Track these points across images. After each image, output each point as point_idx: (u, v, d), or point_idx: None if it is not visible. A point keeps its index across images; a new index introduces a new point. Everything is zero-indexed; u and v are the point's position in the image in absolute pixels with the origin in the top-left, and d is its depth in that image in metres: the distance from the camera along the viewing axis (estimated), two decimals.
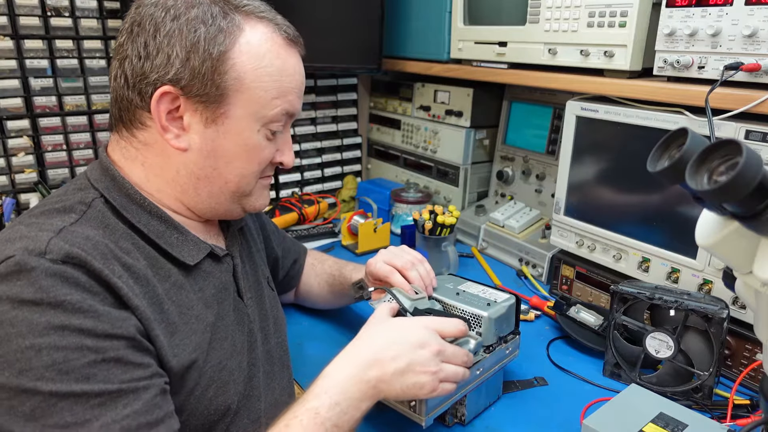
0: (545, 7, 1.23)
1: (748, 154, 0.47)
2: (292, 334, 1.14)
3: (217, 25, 0.68)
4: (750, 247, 0.56)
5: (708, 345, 0.93)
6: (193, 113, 0.70)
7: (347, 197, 1.87)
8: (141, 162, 0.73)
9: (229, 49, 0.69)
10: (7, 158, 1.36)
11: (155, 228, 0.72)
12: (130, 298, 0.63)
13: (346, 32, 1.58)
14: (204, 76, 0.68)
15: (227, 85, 0.69)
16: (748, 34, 0.90)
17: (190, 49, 0.68)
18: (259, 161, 0.76)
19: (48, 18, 1.34)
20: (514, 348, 0.95)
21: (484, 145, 1.66)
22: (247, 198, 0.79)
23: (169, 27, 0.68)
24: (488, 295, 0.95)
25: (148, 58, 0.68)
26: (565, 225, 1.27)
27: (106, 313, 0.60)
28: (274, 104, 0.73)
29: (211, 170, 0.74)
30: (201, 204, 0.76)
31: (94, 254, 0.62)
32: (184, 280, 0.73)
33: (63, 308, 0.57)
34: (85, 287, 0.60)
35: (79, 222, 0.66)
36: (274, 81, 0.72)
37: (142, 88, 0.69)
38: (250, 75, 0.70)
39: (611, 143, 1.16)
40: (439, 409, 0.82)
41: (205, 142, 0.72)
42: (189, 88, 0.68)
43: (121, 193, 0.71)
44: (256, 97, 0.72)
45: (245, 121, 0.72)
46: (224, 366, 0.75)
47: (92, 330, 0.59)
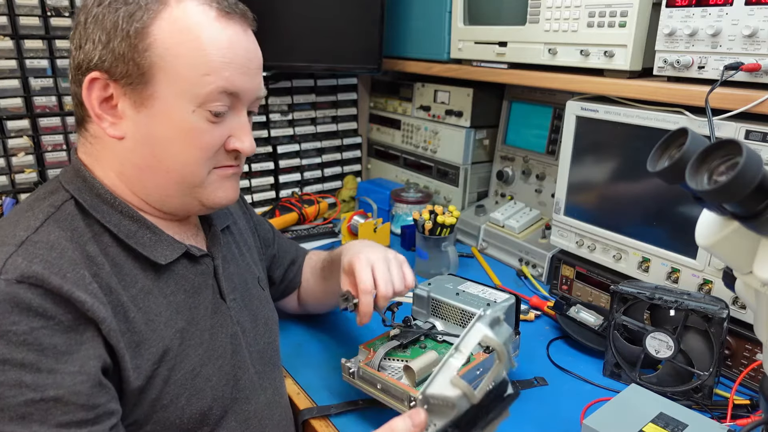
0: (545, 7, 1.23)
1: (748, 154, 0.47)
2: (292, 334, 1.14)
3: (137, 2, 0.66)
4: (750, 247, 0.56)
5: (708, 345, 0.93)
6: (124, 98, 0.68)
7: (347, 197, 1.86)
8: (96, 157, 0.72)
9: (148, 24, 0.66)
10: (7, 158, 1.36)
11: (126, 228, 0.70)
12: (95, 310, 0.61)
13: (346, 32, 1.58)
14: (124, 55, 0.65)
15: (149, 63, 0.66)
16: (748, 34, 0.90)
17: (110, 30, 0.66)
18: (201, 146, 0.70)
19: (48, 18, 1.34)
20: (514, 348, 0.95)
21: (484, 145, 1.66)
22: (200, 190, 0.73)
23: (95, 12, 0.67)
24: (488, 295, 0.95)
25: (80, 48, 0.67)
26: (565, 225, 1.27)
27: (53, 347, 0.57)
28: (206, 81, 0.67)
29: (150, 158, 0.70)
30: (152, 197, 0.73)
31: (58, 267, 0.60)
32: (152, 284, 0.70)
33: (7, 339, 0.55)
34: (37, 312, 0.57)
35: (45, 227, 0.64)
36: (202, 56, 0.67)
37: (80, 79, 0.68)
38: (173, 51, 0.66)
39: (611, 143, 1.16)
40: None
41: (139, 128, 0.69)
42: (113, 71, 0.66)
43: (91, 193, 0.70)
44: (182, 75, 0.67)
45: (175, 102, 0.68)
46: (198, 373, 0.72)
47: (34, 365, 0.56)
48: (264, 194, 1.75)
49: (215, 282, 0.79)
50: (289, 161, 1.78)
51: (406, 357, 0.88)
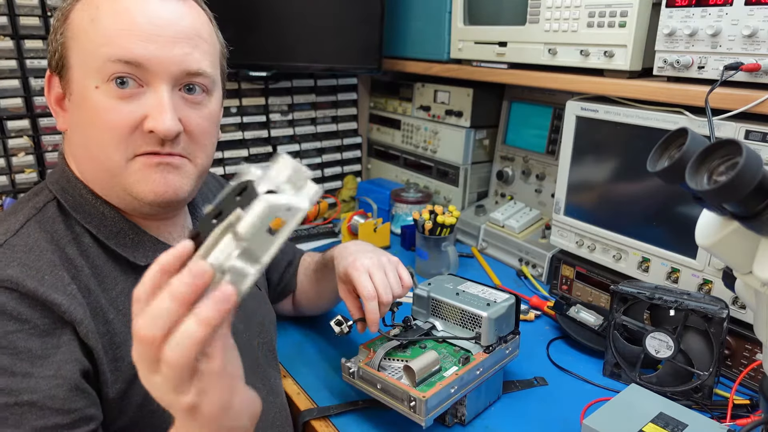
0: (545, 7, 1.23)
1: (748, 154, 0.47)
2: (292, 334, 1.14)
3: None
4: (750, 247, 0.56)
5: (708, 345, 0.93)
6: (63, 90, 0.69)
7: (347, 197, 1.87)
8: (71, 155, 0.73)
9: (70, 10, 0.67)
10: (7, 158, 1.36)
11: (107, 229, 0.69)
12: (72, 312, 0.60)
13: (346, 32, 1.58)
14: (55, 47, 0.68)
15: (65, 47, 0.67)
16: (748, 34, 0.90)
17: (54, 26, 0.68)
18: (111, 126, 0.64)
19: (48, 18, 1.34)
20: (513, 348, 0.95)
21: (484, 145, 1.66)
22: (122, 180, 0.67)
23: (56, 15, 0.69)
24: (488, 295, 0.95)
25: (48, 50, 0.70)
26: (565, 225, 1.27)
27: (27, 351, 0.57)
28: (101, 52, 0.63)
29: (83, 147, 0.69)
30: (100, 191, 0.70)
31: (35, 269, 0.59)
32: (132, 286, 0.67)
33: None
34: (12, 315, 0.57)
35: (25, 229, 0.64)
36: (98, 28, 0.64)
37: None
38: (80, 27, 0.65)
39: (611, 143, 1.16)
40: (439, 409, 0.81)
41: (72, 117, 0.69)
42: (53, 66, 0.68)
43: (74, 193, 0.69)
44: (84, 49, 0.65)
45: (82, 81, 0.65)
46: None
47: (8, 369, 0.55)
48: None
49: None
50: None
51: (406, 357, 0.88)
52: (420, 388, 0.81)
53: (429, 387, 0.81)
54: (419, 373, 0.82)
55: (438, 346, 0.92)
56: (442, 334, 0.94)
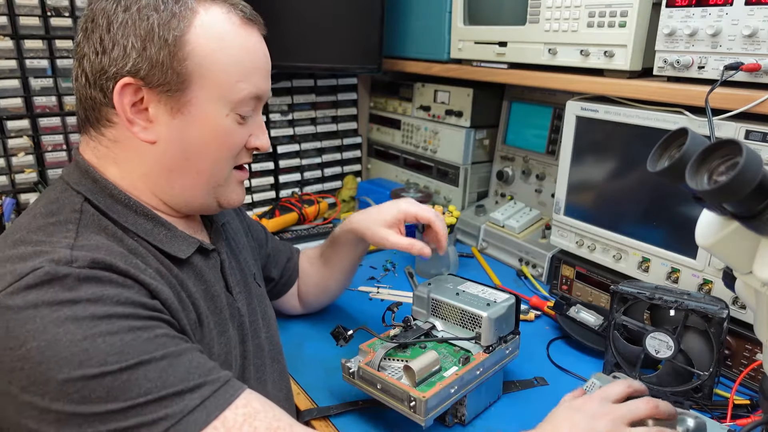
0: (545, 7, 1.23)
1: (748, 154, 0.47)
2: (292, 334, 1.14)
3: (170, 10, 0.67)
4: (750, 247, 0.56)
5: (708, 345, 0.93)
6: (158, 104, 0.69)
7: (347, 197, 1.87)
8: (113, 160, 0.72)
9: (185, 33, 0.67)
10: (7, 158, 1.36)
11: (143, 226, 0.71)
12: (159, 291, 0.65)
13: (346, 32, 1.58)
14: (163, 64, 0.67)
15: (188, 71, 0.68)
16: (748, 34, 0.90)
17: (144, 37, 0.66)
18: (230, 147, 0.75)
19: (48, 18, 1.34)
20: (514, 348, 0.95)
21: (484, 145, 1.66)
22: (221, 189, 0.77)
23: (122, 18, 0.66)
24: (488, 295, 0.95)
25: (104, 52, 0.67)
26: (565, 225, 1.27)
27: (142, 303, 0.62)
28: (240, 87, 0.72)
29: (183, 161, 0.72)
30: (176, 198, 0.75)
31: (116, 257, 0.63)
32: (181, 274, 0.73)
33: (103, 302, 0.59)
34: (119, 283, 0.61)
35: (80, 234, 0.65)
36: (236, 63, 0.71)
37: (103, 84, 0.68)
38: (210, 58, 0.69)
39: (611, 143, 1.16)
40: (440, 409, 0.81)
41: (173, 133, 0.70)
42: (149, 79, 0.67)
43: (104, 194, 0.70)
44: (219, 81, 0.70)
45: (212, 107, 0.71)
46: (224, 359, 0.76)
47: (136, 314, 0.60)
48: (264, 194, 1.75)
49: (222, 276, 0.82)
50: (289, 161, 1.78)
51: (406, 357, 0.88)
52: (420, 388, 0.81)
53: (429, 387, 0.81)
54: (419, 373, 0.81)
55: (438, 346, 0.92)
56: (442, 334, 0.94)
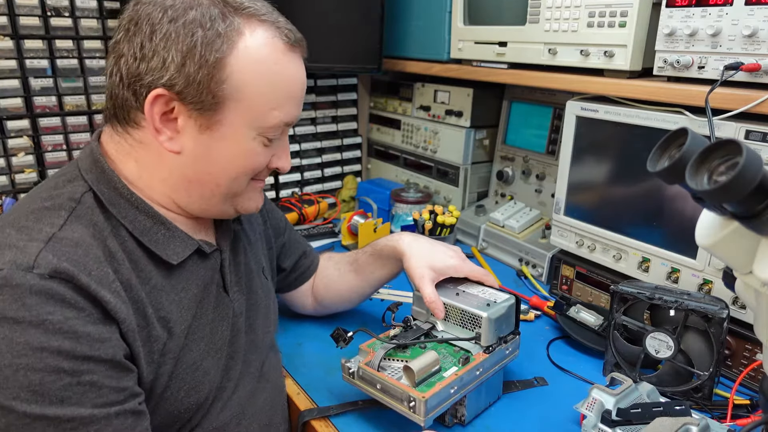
0: (545, 7, 1.23)
1: (748, 154, 0.47)
2: (292, 334, 1.14)
3: (216, 30, 0.66)
4: (750, 247, 0.56)
5: (708, 345, 0.93)
6: (188, 118, 0.69)
7: (347, 197, 1.87)
8: (134, 158, 0.73)
9: (226, 55, 0.67)
10: (7, 158, 1.36)
11: (141, 224, 0.71)
12: (118, 311, 0.64)
13: (346, 32, 1.58)
14: (200, 83, 0.66)
15: (224, 94, 0.68)
16: (748, 34, 0.90)
17: (186, 54, 0.66)
18: (253, 167, 0.76)
19: (48, 18, 1.34)
20: (514, 348, 0.95)
21: (484, 145, 1.66)
22: (238, 198, 0.78)
23: (166, 29, 0.66)
24: (488, 295, 0.95)
25: (143, 59, 0.66)
26: (565, 225, 1.27)
27: (86, 335, 0.60)
28: (273, 115, 0.72)
29: (203, 174, 0.73)
30: (192, 205, 0.76)
31: (84, 265, 0.62)
32: (165, 282, 0.72)
33: (44, 328, 0.58)
34: (70, 303, 0.60)
35: (69, 223, 0.65)
36: (273, 91, 0.71)
37: (137, 89, 0.68)
38: (249, 84, 0.69)
39: (611, 143, 1.16)
40: (439, 409, 0.81)
41: (199, 147, 0.71)
42: (184, 95, 0.67)
43: (109, 186, 0.70)
44: (253, 106, 0.70)
45: (241, 129, 0.71)
46: (198, 366, 0.75)
47: (70, 352, 0.59)
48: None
49: (220, 276, 0.82)
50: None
51: (406, 357, 0.88)
52: (419, 389, 0.81)
53: (429, 387, 0.81)
54: (419, 373, 0.81)
55: (437, 346, 0.92)
56: (442, 334, 0.94)
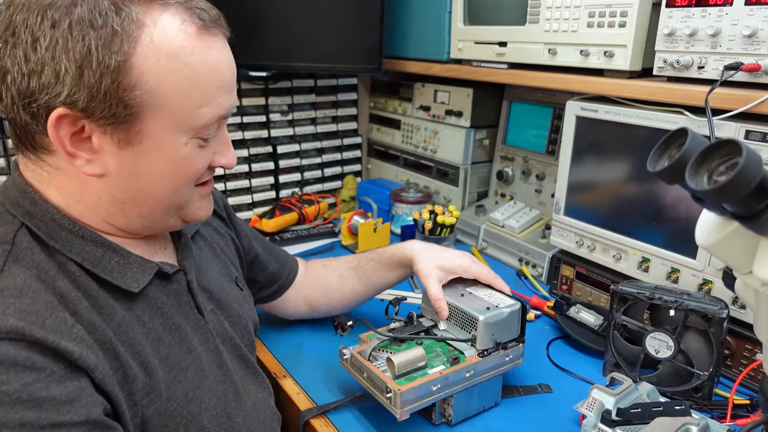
0: (545, 7, 1.23)
1: (748, 154, 0.47)
2: (292, 334, 1.14)
3: (110, 27, 0.55)
4: (750, 247, 0.56)
5: (708, 345, 0.93)
6: (103, 135, 0.59)
7: (347, 197, 1.87)
8: (56, 186, 0.63)
9: (129, 56, 0.56)
10: (7, 158, 1.36)
11: (90, 254, 0.63)
12: (84, 359, 0.56)
13: (346, 32, 1.58)
14: (106, 94, 0.56)
15: (137, 100, 0.58)
16: (748, 34, 0.90)
17: (81, 62, 0.55)
18: (192, 174, 0.67)
19: None
20: (516, 356, 0.94)
21: (484, 145, 1.66)
22: (184, 210, 0.70)
23: (50, 36, 0.55)
24: (492, 299, 0.95)
25: (32, 74, 0.56)
26: (565, 225, 1.27)
27: (50, 399, 0.52)
28: (202, 113, 0.63)
29: (136, 192, 0.64)
30: (133, 225, 0.68)
31: (35, 315, 0.54)
32: (128, 315, 0.65)
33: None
34: (26, 366, 0.52)
35: (7, 270, 0.57)
36: (195, 86, 0.61)
37: (34, 110, 0.57)
38: (164, 83, 0.59)
39: (611, 143, 1.16)
40: (418, 404, 0.82)
41: (124, 164, 0.61)
42: (90, 110, 0.57)
43: (44, 218, 0.61)
44: (176, 109, 0.61)
45: (168, 136, 0.62)
46: (192, 398, 0.69)
47: (35, 423, 0.51)
48: (264, 194, 1.75)
49: (190, 297, 0.75)
50: (289, 161, 1.78)
51: (399, 350, 0.88)
52: (399, 382, 0.82)
53: (408, 381, 0.82)
54: (399, 366, 0.83)
55: (435, 344, 0.92)
56: (442, 333, 0.94)
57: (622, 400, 0.83)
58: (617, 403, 0.82)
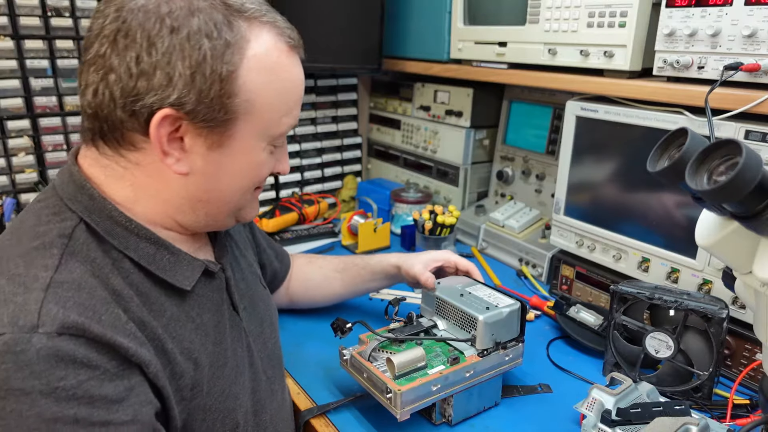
0: (545, 7, 1.23)
1: (747, 154, 0.47)
2: (292, 334, 1.14)
3: (224, 39, 0.61)
4: (750, 247, 0.56)
5: (708, 345, 0.93)
6: (197, 137, 0.63)
7: (347, 197, 1.87)
8: (130, 182, 0.65)
9: (237, 66, 0.62)
10: (7, 158, 1.36)
11: (145, 252, 0.65)
12: (138, 355, 0.58)
13: (346, 32, 1.58)
14: (212, 100, 0.61)
15: (236, 107, 0.63)
16: (748, 34, 0.90)
17: (195, 68, 0.59)
18: (261, 177, 0.72)
19: (48, 18, 1.34)
20: (515, 356, 0.94)
21: (484, 145, 1.66)
22: (242, 211, 0.75)
23: (168, 42, 0.59)
24: (492, 299, 0.95)
25: (142, 76, 0.59)
26: (565, 225, 1.27)
27: (102, 398, 0.55)
28: (283, 122, 0.69)
29: (212, 192, 0.68)
30: (197, 223, 0.71)
31: (92, 310, 0.56)
32: (178, 311, 0.67)
33: (55, 397, 0.52)
34: (83, 363, 0.54)
35: (64, 264, 0.58)
36: (283, 99, 0.68)
37: (136, 109, 0.60)
38: (262, 95, 0.65)
39: (611, 143, 1.16)
40: (418, 405, 0.83)
41: (209, 165, 0.66)
42: (194, 114, 0.61)
43: (102, 215, 0.63)
44: (266, 118, 0.66)
45: (252, 141, 0.67)
46: (228, 394, 0.71)
47: (87, 419, 0.54)
48: (264, 194, 1.75)
49: (228, 295, 0.77)
50: (289, 161, 1.78)
51: (399, 351, 0.88)
52: (399, 382, 0.82)
53: (408, 381, 0.82)
54: (399, 366, 0.83)
55: (434, 344, 0.92)
56: (442, 333, 0.95)
57: (622, 400, 0.83)
58: (617, 403, 0.82)
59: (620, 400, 0.82)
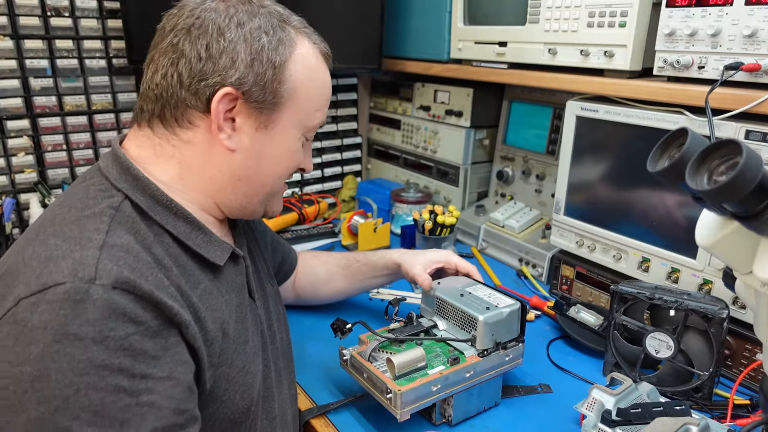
0: (545, 7, 1.23)
1: (748, 154, 0.47)
2: (292, 334, 1.14)
3: (278, 37, 0.73)
4: (750, 247, 0.56)
5: (708, 345, 0.93)
6: (247, 117, 0.72)
7: (347, 197, 1.87)
8: (178, 160, 0.73)
9: (287, 59, 0.73)
10: (7, 158, 1.36)
11: (182, 229, 0.71)
12: (179, 315, 0.62)
13: (346, 32, 1.58)
14: (266, 83, 0.71)
15: (283, 94, 0.73)
16: (748, 34, 0.90)
17: (254, 56, 0.70)
18: (294, 166, 0.80)
19: (48, 18, 1.34)
20: (515, 356, 0.94)
21: (484, 145, 1.66)
22: (272, 199, 0.83)
23: (235, 32, 0.70)
24: (492, 299, 0.95)
25: (209, 59, 0.69)
26: (565, 225, 1.27)
27: (143, 352, 0.59)
28: (316, 116, 0.79)
29: (253, 172, 0.76)
30: (234, 204, 0.78)
31: (140, 271, 0.61)
32: (211, 285, 0.72)
33: (105, 345, 0.56)
34: (130, 318, 0.58)
35: (112, 229, 0.64)
36: (319, 94, 0.78)
37: (199, 88, 0.70)
38: (303, 86, 0.75)
39: (611, 143, 1.16)
40: (418, 405, 0.83)
41: (253, 145, 0.74)
42: (249, 94, 0.71)
43: (145, 194, 0.69)
44: (304, 107, 0.76)
45: (291, 129, 0.76)
46: (248, 369, 0.75)
47: (130, 370, 0.57)
48: None
49: (246, 281, 0.82)
50: None
51: (399, 351, 0.88)
52: (399, 382, 0.82)
53: (408, 382, 0.82)
54: (399, 367, 0.83)
55: (435, 344, 0.92)
56: (442, 333, 0.94)
57: (622, 400, 0.83)
58: (617, 403, 0.82)
59: (620, 400, 0.82)
